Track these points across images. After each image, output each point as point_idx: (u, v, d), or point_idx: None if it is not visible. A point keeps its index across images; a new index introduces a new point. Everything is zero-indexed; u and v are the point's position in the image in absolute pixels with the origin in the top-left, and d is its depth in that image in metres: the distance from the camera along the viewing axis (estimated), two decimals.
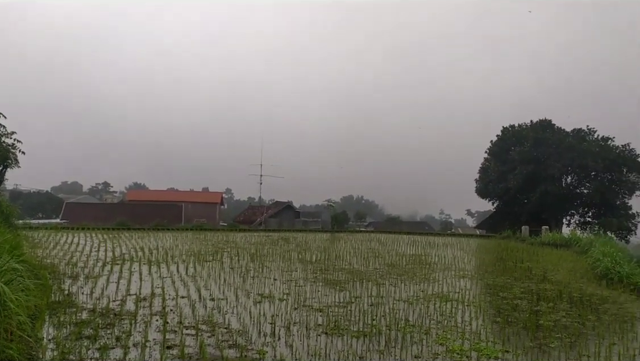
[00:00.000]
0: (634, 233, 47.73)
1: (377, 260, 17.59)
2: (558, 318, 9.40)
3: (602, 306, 10.78)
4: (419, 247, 23.05)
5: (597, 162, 46.22)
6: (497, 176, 49.37)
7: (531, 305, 10.55)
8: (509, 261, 18.36)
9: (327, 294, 11.03)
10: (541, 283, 13.61)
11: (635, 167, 46.96)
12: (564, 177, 49.15)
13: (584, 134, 49.39)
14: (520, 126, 51.62)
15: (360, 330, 8.09)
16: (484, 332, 8.22)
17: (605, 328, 8.81)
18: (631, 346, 7.68)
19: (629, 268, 14.92)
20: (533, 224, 37.20)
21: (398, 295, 11.25)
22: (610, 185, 47.58)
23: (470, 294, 11.73)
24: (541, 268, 16.54)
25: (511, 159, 48.68)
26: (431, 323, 8.79)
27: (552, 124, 50.48)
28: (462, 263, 17.96)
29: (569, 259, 19.50)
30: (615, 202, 47.61)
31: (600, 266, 15.75)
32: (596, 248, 19.54)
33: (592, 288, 13.18)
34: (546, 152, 47.60)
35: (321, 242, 24.46)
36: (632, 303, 11.38)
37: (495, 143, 52.00)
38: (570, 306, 10.55)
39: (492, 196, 51.18)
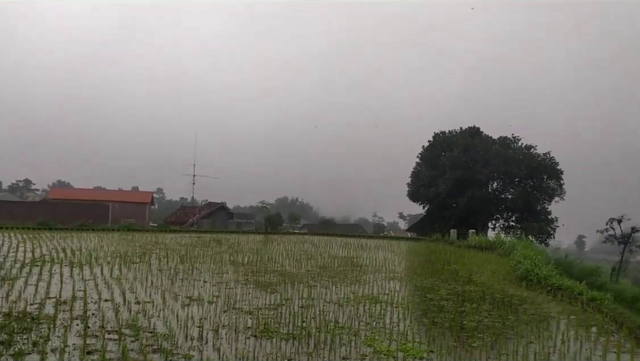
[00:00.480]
0: (553, 236, 50.36)
1: (310, 262, 17.63)
2: (481, 319, 9.74)
3: (522, 307, 11.28)
4: (351, 249, 23.30)
5: (520, 169, 48.45)
6: (428, 180, 50.73)
7: (456, 306, 10.88)
8: (437, 264, 18.88)
9: (258, 297, 10.93)
10: (466, 285, 14.07)
11: (555, 175, 49.54)
12: (490, 182, 51.16)
13: (509, 141, 51.59)
14: (450, 132, 53.29)
15: (290, 332, 8.06)
16: (410, 333, 8.39)
17: (524, 328, 9.21)
18: (546, 344, 8.07)
19: (546, 270, 15.71)
20: (461, 228, 38.48)
21: (329, 297, 11.31)
22: (532, 191, 49.97)
23: (399, 295, 11.96)
24: (467, 270, 17.10)
25: (441, 164, 50.17)
26: (360, 324, 8.90)
27: (480, 132, 52.44)
28: (392, 265, 18.31)
29: (493, 262, 20.27)
30: (536, 207, 50.04)
31: (521, 268, 16.48)
32: (518, 251, 20.45)
33: (513, 289, 13.76)
34: (474, 159, 49.39)
35: (254, 244, 24.26)
36: (548, 304, 11.97)
37: (427, 148, 53.44)
38: (492, 307, 10.96)
39: (423, 199, 52.52)
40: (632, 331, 8.99)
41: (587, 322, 9.79)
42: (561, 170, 49.64)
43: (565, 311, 11.04)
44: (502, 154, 48.83)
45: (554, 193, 49.85)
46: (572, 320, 9.99)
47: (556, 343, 8.17)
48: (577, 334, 8.79)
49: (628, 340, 8.59)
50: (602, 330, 9.33)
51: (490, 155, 48.93)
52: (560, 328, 9.18)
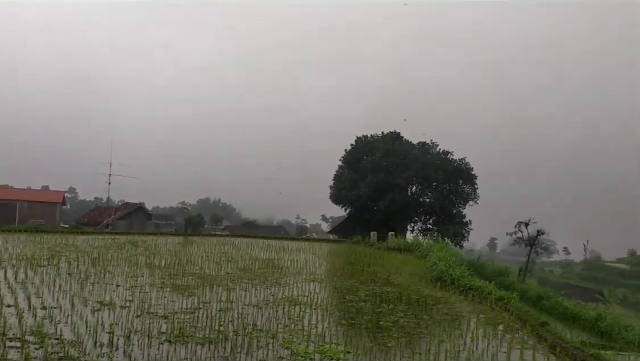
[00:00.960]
0: (467, 239, 52.69)
1: (230, 265, 17.40)
2: (397, 319, 9.99)
3: (436, 307, 11.68)
4: (273, 251, 23.22)
5: (438, 174, 50.29)
6: (350, 183, 51.51)
7: (374, 307, 11.09)
8: (357, 265, 19.16)
9: (174, 301, 10.64)
10: (384, 286, 14.38)
11: (469, 180, 51.85)
12: (409, 186, 52.72)
13: (427, 147, 53.43)
14: (372, 136, 54.43)
15: (207, 336, 7.90)
16: (328, 334, 8.46)
17: (437, 327, 9.55)
18: (457, 342, 8.40)
19: (459, 271, 16.38)
20: (381, 230, 39.31)
21: (248, 300, 11.19)
22: (449, 195, 52.01)
23: (319, 297, 12.03)
24: (385, 272, 17.48)
25: (363, 167, 51.12)
26: (279, 327, 8.87)
27: (400, 136, 53.94)
28: (313, 267, 18.41)
29: (411, 263, 20.85)
30: (452, 211, 52.12)
31: (436, 269, 17.08)
32: (434, 253, 21.17)
33: (429, 290, 14.23)
34: (395, 163, 50.72)
35: (172, 246, 23.61)
36: (460, 303, 12.47)
37: (349, 152, 54.30)
38: (408, 307, 11.27)
39: (345, 202, 53.29)
40: (534, 328, 9.54)
41: (494, 320, 10.28)
42: (475, 175, 52.04)
43: (475, 310, 11.53)
44: (421, 159, 50.48)
45: (468, 197, 52.13)
46: (481, 319, 10.46)
47: (466, 341, 8.51)
48: (485, 332, 9.20)
49: (531, 336, 9.11)
50: (508, 328, 9.83)
51: (410, 160, 50.46)
52: (470, 327, 9.58)
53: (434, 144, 53.67)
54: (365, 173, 50.48)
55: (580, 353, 7.85)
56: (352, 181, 51.17)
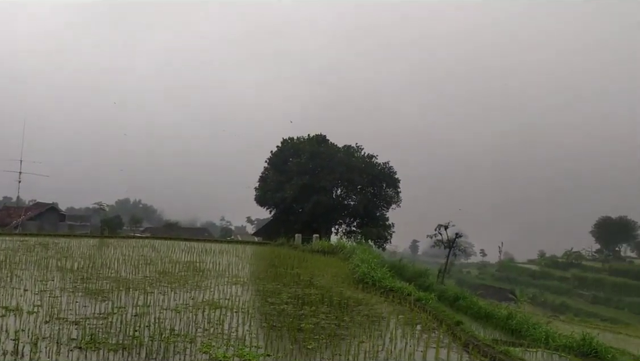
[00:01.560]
0: (389, 241, 54.01)
1: (148, 268, 16.81)
2: (318, 321, 10.02)
3: (357, 308, 11.82)
4: (195, 254, 22.69)
5: (362, 177, 51.25)
6: (275, 185, 51.45)
7: (296, 309, 11.07)
8: (280, 268, 19.08)
9: (87, 305, 10.14)
10: (307, 288, 14.39)
11: (393, 183, 53.19)
12: (334, 189, 53.36)
13: (353, 150, 54.33)
14: (298, 138, 54.69)
15: (120, 342, 7.57)
16: (249, 338, 8.35)
17: (357, 328, 9.66)
18: (376, 343, 8.53)
19: (381, 273, 16.67)
20: (306, 232, 39.45)
21: (166, 304, 10.85)
22: (372, 198, 53.12)
23: (241, 300, 11.86)
24: (309, 274, 17.52)
25: (289, 169, 51.24)
26: (198, 331, 8.65)
27: (326, 139, 54.52)
28: (236, 269, 18.15)
29: (334, 265, 21.03)
30: (375, 213, 53.26)
31: (358, 271, 17.29)
32: (357, 255, 21.46)
33: (351, 292, 14.39)
34: (320, 165, 51.18)
35: (87, 248, 22.53)
36: (381, 305, 12.70)
37: (275, 154, 54.25)
38: (330, 309, 11.33)
39: (270, 204, 53.17)
40: (450, 327, 9.87)
41: (413, 320, 10.55)
42: (398, 179, 53.45)
43: (395, 311, 11.78)
44: (346, 162, 51.20)
45: (391, 200, 53.47)
46: (400, 319, 10.70)
47: (385, 342, 8.67)
48: (404, 332, 9.42)
49: (446, 335, 9.41)
50: (425, 327, 10.12)
51: (335, 163, 51.06)
52: (389, 327, 9.77)
53: (359, 147, 54.68)
54: (290, 175, 50.61)
55: (491, 350, 8.20)
56: (278, 183, 51.16)
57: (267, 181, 52.88)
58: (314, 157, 51.22)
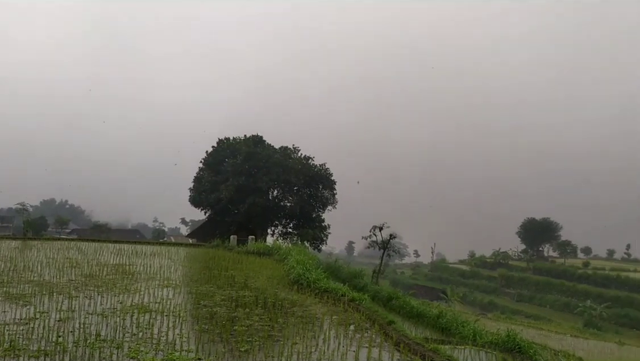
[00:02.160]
0: (325, 242, 54.26)
1: (74, 271, 16.10)
2: (252, 323, 9.90)
3: (291, 310, 11.78)
4: (125, 256, 21.93)
5: (299, 179, 51.24)
6: (210, 186, 50.60)
7: (229, 312, 10.90)
8: (214, 270, 18.77)
9: (6, 311, 9.60)
10: (242, 290, 14.22)
11: (329, 185, 53.53)
12: (271, 190, 53.09)
13: (289, 151, 54.26)
14: (235, 139, 54.06)
15: (42, 348, 7.20)
16: (179, 342, 8.14)
17: (291, 329, 9.62)
18: (310, 344, 8.53)
19: (316, 274, 16.71)
20: (241, 234, 39.00)
21: (92, 308, 10.42)
22: (309, 200, 53.22)
23: (172, 303, 11.56)
24: (244, 276, 17.33)
25: (224, 170, 50.54)
26: (126, 336, 8.36)
27: (263, 140, 54.17)
28: (168, 272, 17.69)
29: (270, 267, 20.90)
30: (312, 215, 53.39)
31: (293, 272, 17.26)
32: (292, 257, 21.40)
33: (285, 293, 14.34)
34: (257, 166, 50.78)
35: (8, 251, 21.31)
36: (315, 306, 12.72)
37: (210, 154, 53.39)
38: (264, 311, 11.23)
39: (205, 205, 52.21)
40: (382, 327, 10.01)
41: (346, 321, 10.62)
42: (334, 180, 53.84)
43: (329, 311, 11.83)
44: (282, 164, 51.08)
45: (327, 201, 53.76)
46: (334, 320, 10.75)
47: (318, 343, 8.68)
48: (337, 332, 9.46)
49: (379, 335, 9.54)
50: (359, 327, 10.22)
51: (272, 163, 50.82)
52: (323, 328, 9.79)
53: (295, 149, 54.68)
54: (226, 176, 49.96)
55: (421, 348, 8.37)
56: (213, 184, 50.37)
57: (202, 182, 51.91)
58: (250, 158, 50.78)
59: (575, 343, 29.12)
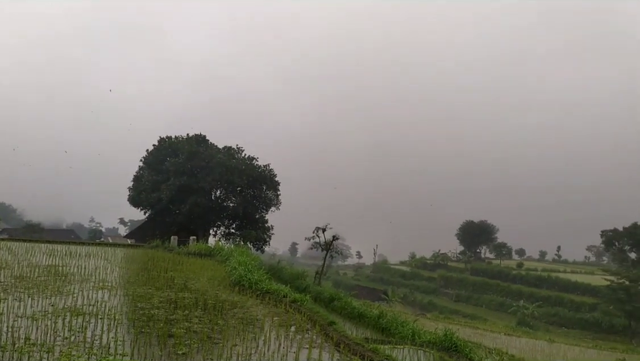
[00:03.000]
0: (268, 243, 54.01)
1: (3, 272, 15.31)
2: (191, 325, 9.72)
3: (232, 311, 11.65)
4: (58, 257, 21.06)
5: (242, 179, 50.75)
6: (150, 185, 49.37)
7: (168, 314, 10.66)
8: (153, 271, 18.33)
9: None
10: (181, 292, 13.94)
11: (273, 186, 53.31)
12: (213, 190, 52.34)
13: (233, 151, 53.68)
14: (177, 137, 53.00)
15: None
16: (114, 345, 7.88)
17: (231, 331, 9.50)
18: (250, 345, 8.45)
19: (258, 275, 16.62)
20: (183, 234, 38.30)
21: (22, 311, 9.93)
22: (252, 200, 52.81)
23: (107, 306, 11.18)
24: (183, 277, 17.01)
25: (166, 169, 49.43)
26: (57, 340, 8.02)
27: (206, 140, 53.35)
28: (104, 273, 17.12)
29: (211, 268, 20.60)
30: (255, 216, 53.01)
31: (235, 274, 17.11)
32: (234, 258, 21.22)
33: (226, 295, 14.16)
34: (199, 166, 49.96)
35: None
36: (256, 307, 12.64)
37: (151, 152, 52.11)
38: (204, 313, 11.05)
39: (145, 205, 50.88)
40: (323, 328, 10.06)
41: (287, 322, 10.60)
42: (278, 181, 53.69)
43: (270, 313, 11.78)
44: (226, 164, 50.47)
45: (271, 202, 53.52)
46: (275, 321, 10.71)
47: (259, 344, 8.62)
48: (278, 334, 9.43)
49: (319, 335, 9.58)
50: (300, 329, 10.22)
51: (215, 163, 50.13)
52: (264, 330, 9.73)
53: (239, 149, 54.20)
54: (167, 175, 48.89)
55: (361, 348, 8.47)
56: (153, 183, 49.17)
57: (142, 181, 50.55)
58: (193, 157, 49.90)
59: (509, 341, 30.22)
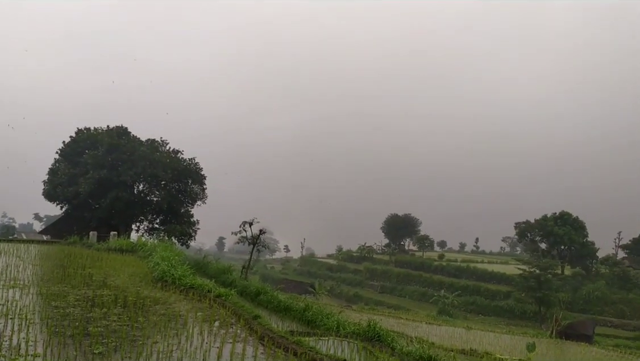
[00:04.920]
0: (194, 238, 52.96)
1: None
2: (109, 323, 9.38)
3: (154, 308, 11.35)
4: None
5: (167, 173, 49.36)
6: (67, 178, 47.03)
7: (85, 312, 10.24)
8: (70, 268, 17.55)
9: None
10: (99, 289, 13.43)
11: (199, 180, 52.26)
12: (136, 184, 50.58)
13: (157, 144, 52.10)
14: (96, 129, 50.81)
15: None
16: (25, 346, 7.47)
17: (152, 328, 9.26)
18: (171, 342, 8.27)
19: (182, 270, 16.29)
20: (103, 230, 36.84)
21: None
22: (177, 194, 51.54)
23: (18, 305, 10.58)
24: (103, 274, 16.40)
25: (84, 162, 47.28)
26: None
27: (128, 132, 51.45)
28: (15, 271, 16.18)
29: (133, 264, 20.00)
30: (180, 210, 51.77)
31: (158, 269, 16.67)
32: (157, 253, 20.67)
33: (148, 291, 13.78)
34: (121, 159, 48.12)
35: None
36: (180, 303, 12.38)
37: (68, 144, 49.63)
38: (123, 310, 10.70)
39: (62, 199, 48.42)
40: (248, 322, 10.00)
41: (211, 317, 10.46)
42: (204, 175, 52.70)
43: (194, 308, 11.58)
44: (149, 157, 48.94)
45: (197, 196, 52.48)
46: (199, 317, 10.54)
47: (181, 340, 8.45)
48: (201, 329, 9.28)
49: (244, 330, 9.51)
50: (224, 323, 10.10)
51: (138, 157, 48.49)
52: (187, 325, 9.55)
53: (164, 142, 52.76)
54: (86, 168, 46.78)
55: (285, 341, 8.49)
56: (71, 177, 46.89)
57: (59, 174, 48.02)
58: (114, 150, 47.95)
59: (430, 329, 31.29)
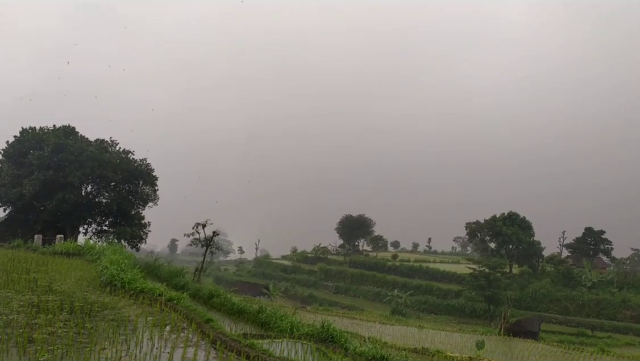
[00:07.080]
0: (145, 240, 51.79)
1: None
2: (55, 330, 9.07)
3: (102, 313, 11.04)
4: None
5: (116, 174, 48.06)
6: (11, 180, 45.20)
7: (29, 319, 9.86)
8: (13, 273, 16.87)
9: None
10: (45, 295, 12.97)
11: (150, 181, 51.15)
12: (84, 185, 49.07)
13: (106, 145, 50.70)
14: (42, 129, 49.06)
15: None
16: None
17: (100, 334, 9.01)
18: (120, 348, 8.06)
19: (131, 274, 15.90)
20: (49, 233, 35.61)
21: None
22: (128, 196, 50.28)
23: None
24: (48, 279, 15.85)
25: (29, 163, 45.54)
26: None
27: (75, 132, 49.90)
28: None
29: (80, 268, 19.43)
30: (130, 212, 50.51)
31: (106, 273, 16.24)
32: (106, 256, 20.13)
33: (96, 296, 13.40)
34: (68, 160, 46.59)
35: None
36: (129, 307, 12.09)
37: (12, 144, 47.70)
38: (70, 316, 10.37)
39: (5, 201, 46.48)
40: (199, 326, 9.86)
41: (162, 322, 10.26)
42: (156, 176, 51.62)
43: (144, 313, 11.33)
44: (98, 157, 47.58)
45: (148, 198, 51.36)
46: (149, 321, 10.31)
47: (130, 346, 8.25)
48: (151, 334, 9.09)
49: (195, 334, 9.38)
50: (175, 328, 9.93)
51: (86, 157, 47.06)
52: (136, 331, 9.33)
53: (113, 142, 51.42)
54: (31, 169, 45.07)
55: (238, 344, 8.42)
56: (14, 178, 45.07)
57: (2, 175, 46.08)
58: (60, 150, 46.33)
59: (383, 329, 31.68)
